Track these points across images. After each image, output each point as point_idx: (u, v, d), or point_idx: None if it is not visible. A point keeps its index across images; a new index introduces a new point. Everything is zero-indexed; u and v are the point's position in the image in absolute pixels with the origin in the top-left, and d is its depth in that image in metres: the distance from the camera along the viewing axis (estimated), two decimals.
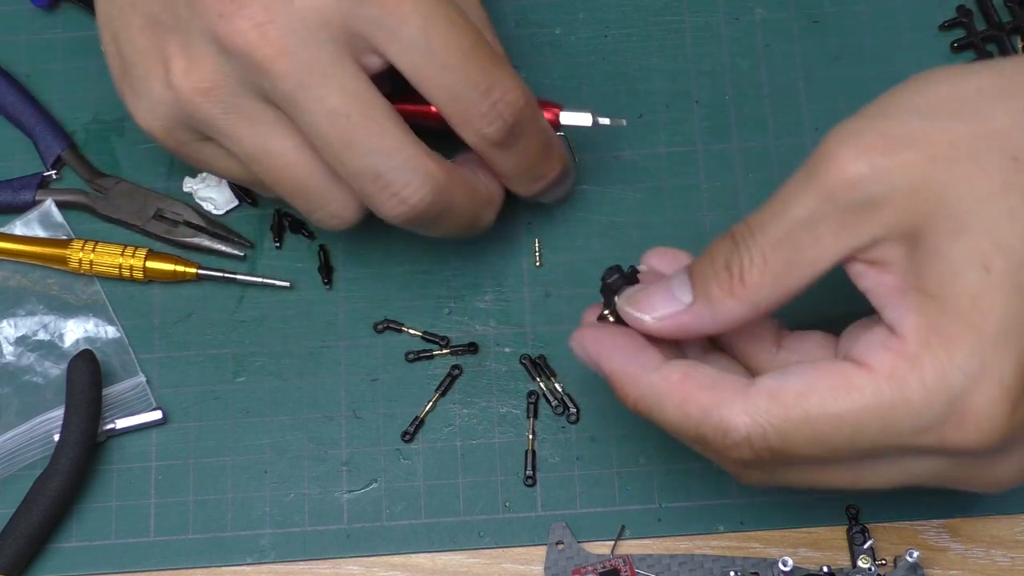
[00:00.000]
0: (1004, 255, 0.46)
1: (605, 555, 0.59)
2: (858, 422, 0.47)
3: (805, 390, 0.48)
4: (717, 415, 0.49)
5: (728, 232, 0.50)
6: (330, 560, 0.61)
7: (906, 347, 0.47)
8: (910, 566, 0.58)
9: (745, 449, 0.49)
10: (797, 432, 0.48)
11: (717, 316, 0.50)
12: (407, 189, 0.55)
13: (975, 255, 0.46)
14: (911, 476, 0.50)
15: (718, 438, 0.49)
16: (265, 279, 0.64)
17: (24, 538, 0.59)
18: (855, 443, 0.48)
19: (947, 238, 0.47)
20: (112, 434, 0.62)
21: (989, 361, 0.46)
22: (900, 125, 0.48)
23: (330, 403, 0.63)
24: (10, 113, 0.67)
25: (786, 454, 0.49)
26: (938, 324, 0.47)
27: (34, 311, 0.65)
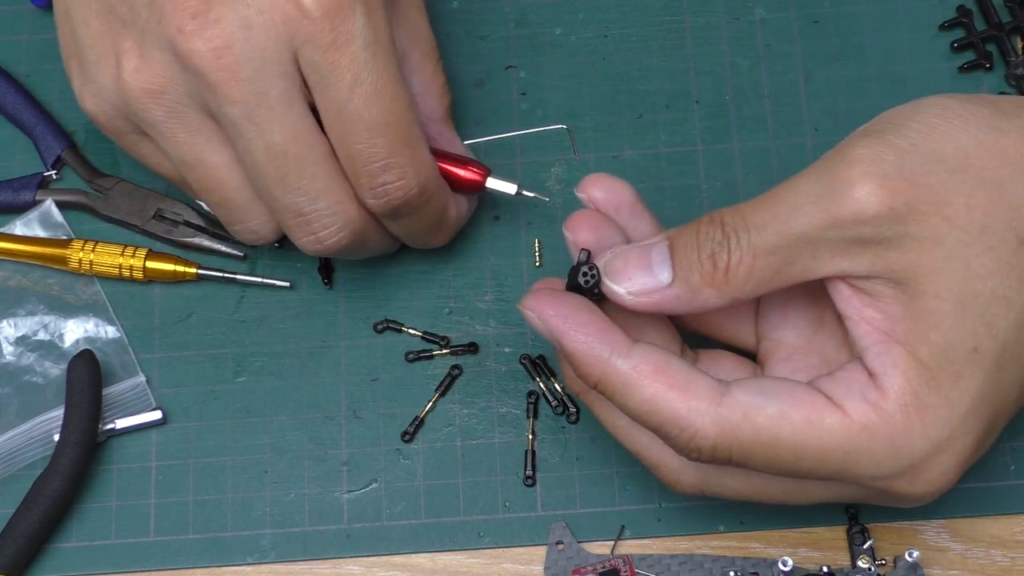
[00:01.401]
0: (992, 337, 0.48)
1: (605, 555, 0.59)
2: (820, 458, 0.49)
3: (779, 417, 0.49)
4: (688, 419, 0.49)
5: (717, 218, 0.50)
6: (330, 560, 0.61)
7: (885, 404, 0.48)
8: (910, 566, 0.58)
9: (706, 454, 0.49)
10: (761, 452, 0.49)
11: (694, 303, 0.50)
12: (325, 231, 0.56)
13: (969, 336, 0.48)
14: (841, 497, 0.53)
15: (683, 438, 0.49)
16: (265, 279, 0.64)
17: (24, 538, 0.59)
18: (810, 474, 0.49)
19: (948, 311, 0.48)
20: (112, 434, 0.62)
21: (956, 435, 0.48)
22: (926, 175, 0.48)
23: (330, 403, 0.63)
24: (10, 113, 0.67)
25: (740, 465, 0.50)
26: (920, 392, 0.48)
27: (34, 311, 0.65)
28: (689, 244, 0.50)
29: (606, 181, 0.54)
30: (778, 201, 0.49)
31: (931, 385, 0.48)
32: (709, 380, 0.49)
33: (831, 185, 0.48)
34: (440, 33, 0.69)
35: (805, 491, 0.53)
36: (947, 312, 0.48)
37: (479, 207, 0.65)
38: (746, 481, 0.53)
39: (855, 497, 0.52)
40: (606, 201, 0.54)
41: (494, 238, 0.65)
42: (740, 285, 0.49)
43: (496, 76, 0.68)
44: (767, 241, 0.49)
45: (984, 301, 0.48)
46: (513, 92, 0.68)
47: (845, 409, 0.48)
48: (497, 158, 0.66)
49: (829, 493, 0.52)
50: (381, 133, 0.54)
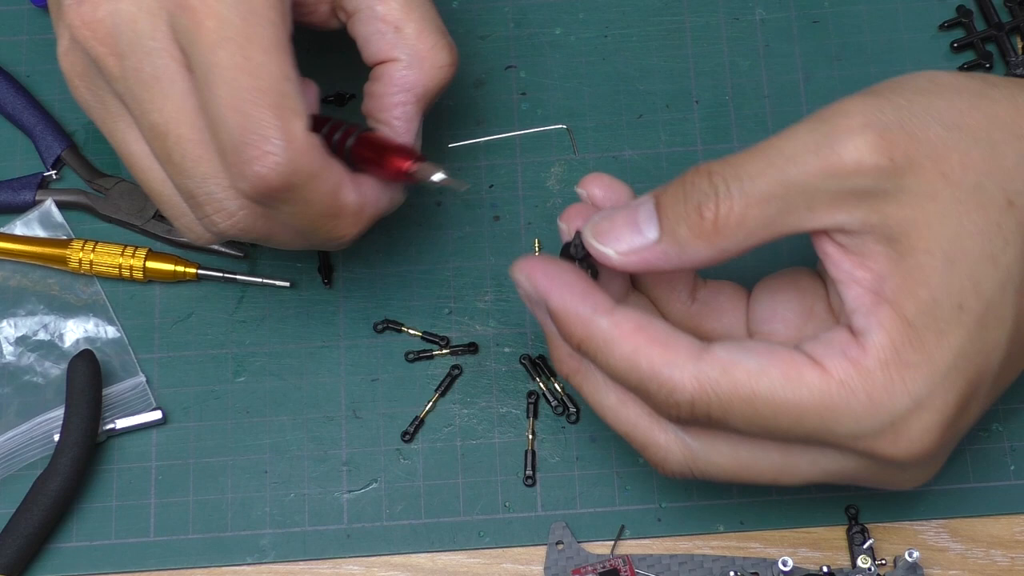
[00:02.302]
0: (978, 296, 0.48)
1: (605, 555, 0.59)
2: (799, 415, 0.48)
3: (757, 371, 0.48)
4: (667, 373, 0.49)
5: (704, 169, 0.49)
6: (330, 560, 0.61)
7: (864, 360, 0.48)
8: (910, 566, 0.58)
9: (685, 410, 0.49)
10: (739, 408, 0.48)
11: (683, 257, 0.50)
12: (217, 215, 0.53)
13: (955, 293, 0.48)
14: (829, 474, 0.51)
15: (661, 394, 0.49)
16: (265, 279, 0.64)
17: (24, 538, 0.59)
18: (790, 432, 0.49)
19: (936, 267, 0.47)
20: (112, 434, 0.62)
21: (936, 392, 0.48)
22: (924, 129, 0.48)
23: (330, 403, 0.63)
24: (10, 113, 0.67)
25: (720, 425, 0.49)
26: (902, 350, 0.48)
27: (34, 311, 0.65)
28: (676, 197, 0.49)
29: (606, 180, 0.54)
30: (773, 150, 0.49)
31: (914, 343, 0.48)
32: (689, 338, 0.50)
33: (830, 135, 0.48)
34: None
35: (793, 465, 0.51)
36: (936, 268, 0.47)
37: (479, 207, 0.66)
38: (732, 455, 0.51)
39: (844, 472, 0.51)
40: (604, 199, 0.54)
41: (494, 238, 0.65)
42: (730, 235, 0.48)
43: (496, 76, 0.68)
44: (760, 189, 0.48)
45: (972, 259, 0.48)
46: (513, 92, 0.68)
47: (825, 366, 0.48)
48: (497, 158, 0.66)
49: (817, 469, 0.51)
50: (245, 102, 0.50)
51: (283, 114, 0.50)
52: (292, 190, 0.51)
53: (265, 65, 0.50)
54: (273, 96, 0.50)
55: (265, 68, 0.50)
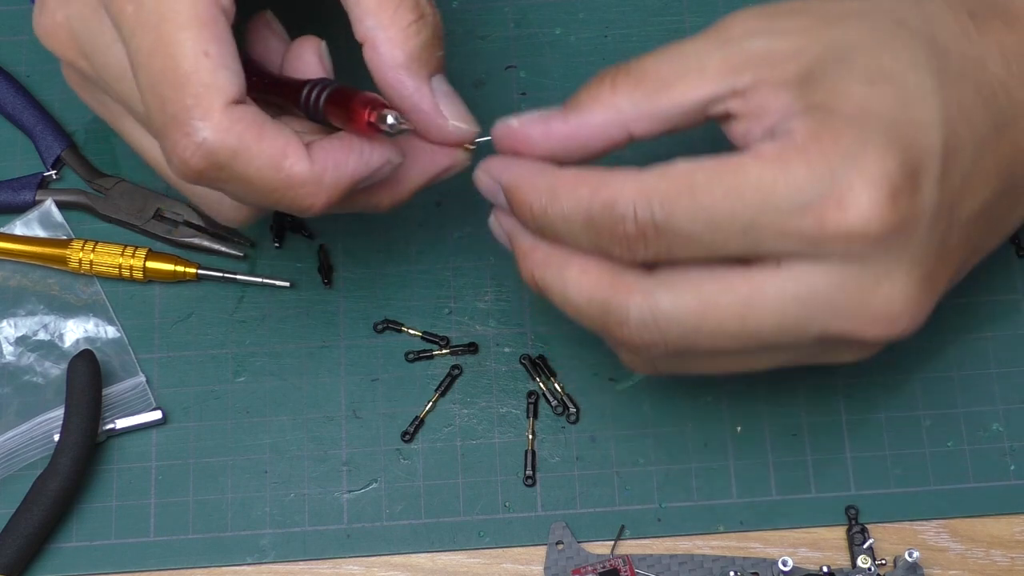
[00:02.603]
0: (888, 79, 0.49)
1: (605, 555, 0.59)
2: (739, 195, 0.48)
3: (692, 168, 0.49)
4: (607, 190, 0.49)
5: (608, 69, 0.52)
6: (330, 560, 0.61)
7: (794, 139, 0.48)
8: (910, 566, 0.58)
9: (630, 224, 0.49)
10: (681, 203, 0.48)
11: (583, 121, 0.51)
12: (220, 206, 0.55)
13: (862, 74, 0.49)
14: (800, 303, 0.49)
15: (605, 213, 0.49)
16: (265, 279, 0.64)
17: (24, 538, 0.59)
18: (735, 219, 0.48)
19: (833, 66, 0.49)
20: (112, 434, 0.62)
21: (871, 151, 0.47)
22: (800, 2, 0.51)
23: (330, 403, 0.63)
24: (10, 113, 0.67)
25: (669, 231, 0.49)
26: (825, 123, 0.48)
27: (34, 311, 0.65)
28: (581, 87, 0.52)
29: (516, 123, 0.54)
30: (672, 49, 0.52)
31: (835, 115, 0.48)
32: (636, 169, 0.50)
33: (713, 25, 0.53)
34: None
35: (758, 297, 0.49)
36: (833, 69, 0.49)
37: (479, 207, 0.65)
38: (694, 294, 0.50)
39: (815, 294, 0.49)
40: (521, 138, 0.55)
41: (494, 238, 0.65)
42: (627, 94, 0.51)
43: (496, 76, 0.68)
44: (656, 58, 0.51)
45: (873, 56, 0.49)
46: (513, 92, 0.68)
47: (756, 151, 0.48)
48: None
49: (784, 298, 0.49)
50: (159, 85, 0.49)
51: (198, 93, 0.49)
52: (221, 169, 0.50)
53: (178, 44, 0.49)
54: (186, 76, 0.49)
55: (178, 47, 0.49)
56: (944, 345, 0.62)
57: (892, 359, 0.62)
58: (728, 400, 0.62)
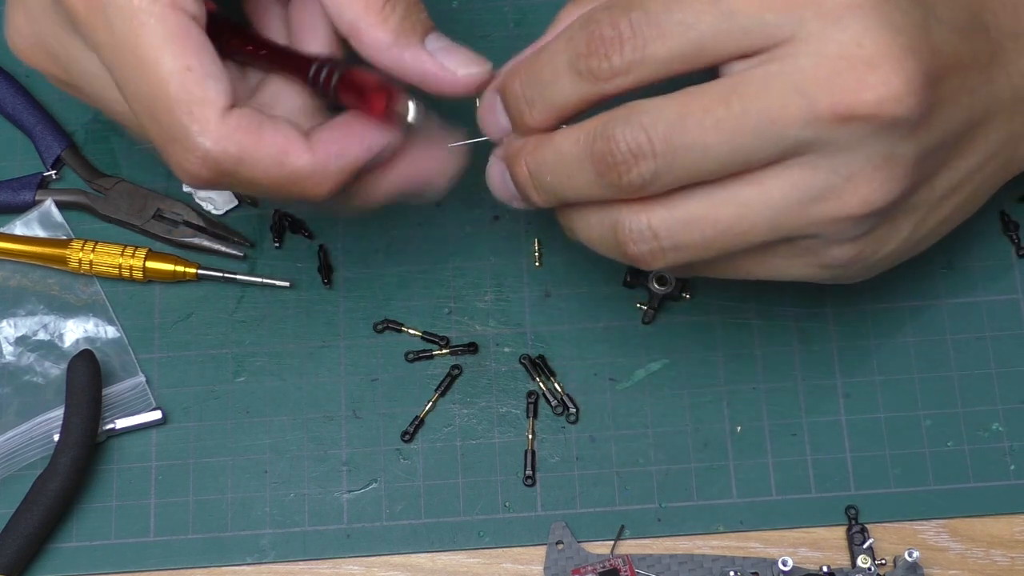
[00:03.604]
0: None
1: (605, 555, 0.59)
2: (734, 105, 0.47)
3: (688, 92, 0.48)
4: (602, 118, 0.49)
5: None
6: (330, 560, 0.61)
7: None
8: (910, 566, 0.58)
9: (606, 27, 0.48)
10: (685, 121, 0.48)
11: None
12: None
13: None
14: (797, 188, 0.49)
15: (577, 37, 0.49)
16: (265, 279, 0.64)
17: (24, 538, 0.59)
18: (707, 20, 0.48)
19: None
20: (112, 434, 0.62)
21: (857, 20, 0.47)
22: None
23: (330, 403, 0.63)
24: (10, 113, 0.67)
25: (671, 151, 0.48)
26: None
27: (34, 311, 0.65)
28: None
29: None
30: None
31: None
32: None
33: None
34: None
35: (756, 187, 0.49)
36: None
37: (479, 207, 0.66)
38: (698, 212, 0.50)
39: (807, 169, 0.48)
40: None
41: (494, 238, 0.65)
42: None
43: None
44: None
45: None
46: None
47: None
48: None
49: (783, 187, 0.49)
50: (151, 108, 0.50)
51: (191, 111, 0.49)
52: (227, 175, 0.51)
53: (159, 64, 0.49)
54: (175, 96, 0.49)
55: (160, 68, 0.49)
56: (944, 345, 0.62)
57: (892, 359, 0.62)
58: (728, 400, 0.62)
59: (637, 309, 0.63)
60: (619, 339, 0.63)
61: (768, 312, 0.63)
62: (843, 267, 0.52)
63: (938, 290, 0.63)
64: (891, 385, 0.62)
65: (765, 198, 0.49)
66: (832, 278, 0.53)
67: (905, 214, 0.51)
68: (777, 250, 0.51)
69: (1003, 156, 0.54)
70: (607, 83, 0.49)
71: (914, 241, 0.53)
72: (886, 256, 0.52)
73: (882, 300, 0.63)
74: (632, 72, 0.48)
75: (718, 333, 0.63)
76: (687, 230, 0.50)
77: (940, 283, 0.64)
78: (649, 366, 0.63)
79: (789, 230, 0.50)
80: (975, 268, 0.64)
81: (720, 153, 0.48)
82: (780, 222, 0.49)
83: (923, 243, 0.54)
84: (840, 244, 0.51)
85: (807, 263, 0.52)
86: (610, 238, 0.51)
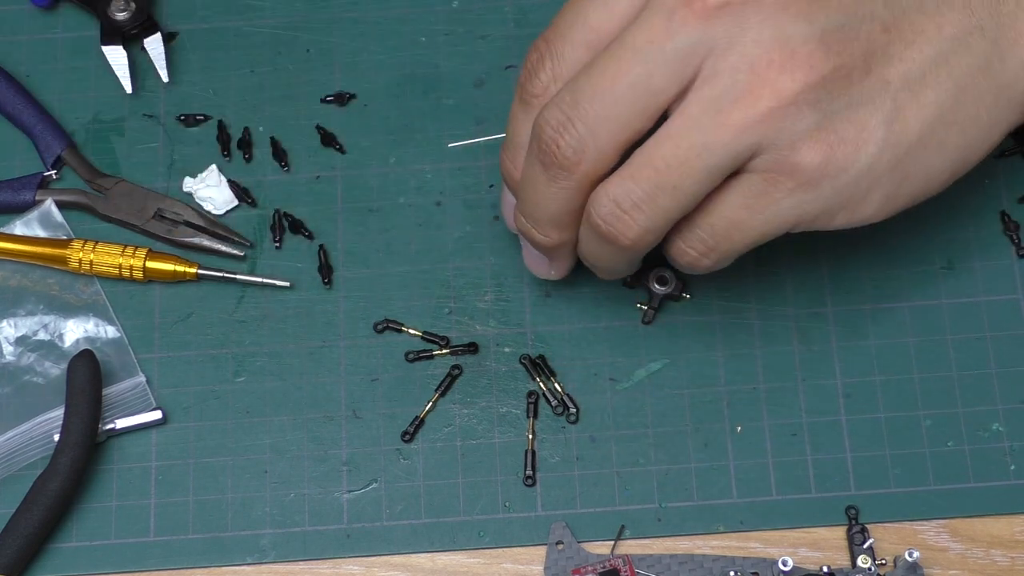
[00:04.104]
0: None
1: (605, 555, 0.59)
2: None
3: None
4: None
5: None
6: (330, 560, 0.61)
7: None
8: (910, 566, 0.58)
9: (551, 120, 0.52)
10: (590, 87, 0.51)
11: None
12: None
13: None
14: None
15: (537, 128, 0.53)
16: (265, 279, 0.64)
17: (24, 538, 0.59)
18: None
19: None
20: (112, 434, 0.62)
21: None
22: None
23: (330, 403, 0.63)
24: (10, 113, 0.67)
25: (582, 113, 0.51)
26: None
27: (34, 311, 0.65)
28: None
29: None
30: None
31: None
32: None
33: None
34: (440, 33, 0.69)
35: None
36: None
37: (479, 207, 0.66)
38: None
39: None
40: None
41: (494, 238, 0.65)
42: None
43: (496, 76, 0.68)
44: None
45: None
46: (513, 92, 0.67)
47: None
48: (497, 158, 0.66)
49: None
50: None
51: None
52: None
53: None
54: None
55: None
56: (944, 345, 0.62)
57: (892, 359, 0.62)
58: (728, 400, 0.62)
59: (637, 309, 0.63)
60: (619, 339, 0.63)
61: (768, 312, 0.63)
62: (827, 177, 0.51)
63: (938, 290, 0.63)
64: (891, 385, 0.62)
65: (688, 121, 0.50)
66: (836, 205, 0.52)
67: (863, 106, 0.51)
68: (748, 185, 0.52)
69: (977, 53, 0.53)
70: (571, 171, 0.53)
71: (906, 143, 0.52)
72: (876, 160, 0.52)
73: (882, 300, 0.63)
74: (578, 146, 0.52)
75: (718, 333, 0.63)
76: (635, 182, 0.52)
77: (940, 283, 0.64)
78: (649, 366, 0.63)
79: (724, 147, 0.50)
80: (975, 268, 0.64)
81: (620, 93, 0.51)
82: (710, 139, 0.50)
83: (935, 153, 0.53)
84: (794, 147, 0.50)
85: (789, 190, 0.51)
86: (592, 236, 0.55)
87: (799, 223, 0.53)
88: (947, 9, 0.52)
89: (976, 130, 0.54)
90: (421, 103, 0.68)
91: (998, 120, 0.54)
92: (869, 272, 0.64)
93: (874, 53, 0.51)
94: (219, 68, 0.69)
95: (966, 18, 0.52)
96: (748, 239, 0.53)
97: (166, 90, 0.68)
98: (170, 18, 0.70)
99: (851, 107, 0.51)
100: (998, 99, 0.54)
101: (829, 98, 0.50)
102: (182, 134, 0.68)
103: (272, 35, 0.69)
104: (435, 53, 0.68)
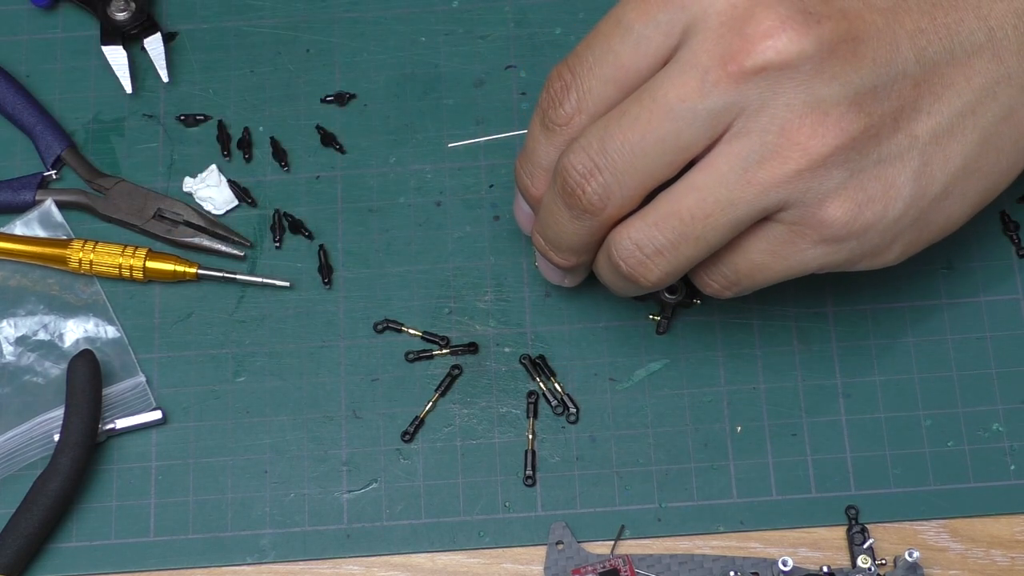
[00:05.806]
0: None
1: (605, 555, 0.59)
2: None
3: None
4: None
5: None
6: (330, 560, 0.61)
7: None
8: (910, 566, 0.58)
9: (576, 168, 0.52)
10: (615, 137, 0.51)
11: None
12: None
13: None
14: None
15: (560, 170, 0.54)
16: (265, 279, 0.64)
17: (24, 538, 0.59)
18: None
19: None
20: (112, 434, 0.62)
21: None
22: None
23: (330, 403, 0.63)
24: (10, 113, 0.67)
25: (608, 165, 0.52)
26: None
27: (34, 311, 0.65)
28: None
29: None
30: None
31: None
32: None
33: None
34: (440, 33, 0.69)
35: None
36: None
37: (479, 207, 0.66)
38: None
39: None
40: None
41: (494, 238, 0.65)
42: None
43: (496, 76, 0.68)
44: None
45: None
46: (513, 92, 0.68)
47: None
48: (497, 158, 0.66)
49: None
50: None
51: None
52: None
53: None
54: None
55: None
56: (944, 345, 0.62)
57: (892, 359, 0.62)
58: (728, 400, 0.62)
59: (646, 317, 0.63)
60: (619, 339, 0.63)
61: (768, 312, 0.63)
62: (854, 235, 0.52)
63: (938, 290, 0.63)
64: (891, 385, 0.62)
65: (715, 176, 0.50)
66: (859, 255, 0.53)
67: (891, 163, 0.51)
68: (774, 234, 0.52)
69: (1003, 101, 0.52)
70: (595, 215, 0.53)
71: (931, 196, 0.52)
72: (902, 216, 0.52)
73: (882, 300, 0.63)
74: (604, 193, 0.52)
75: (718, 333, 0.63)
76: (659, 230, 0.52)
77: (940, 283, 0.64)
78: (649, 366, 0.63)
79: (749, 204, 0.50)
80: (975, 268, 0.64)
81: (649, 146, 0.50)
82: (736, 196, 0.50)
83: (957, 201, 0.53)
84: (821, 204, 0.51)
85: (814, 242, 0.52)
86: (610, 269, 0.55)
87: (822, 269, 0.54)
88: (976, 58, 0.52)
89: (996, 176, 0.54)
90: (421, 103, 0.68)
91: (1015, 163, 0.54)
92: (869, 272, 0.64)
93: (903, 109, 0.51)
94: (219, 68, 0.69)
95: (995, 67, 0.52)
96: (770, 279, 0.54)
97: (166, 90, 0.68)
98: (170, 18, 0.70)
99: (879, 164, 0.51)
100: (1017, 144, 0.54)
101: (858, 157, 0.50)
102: (182, 134, 0.68)
103: (272, 35, 0.69)
104: (435, 53, 0.68)
